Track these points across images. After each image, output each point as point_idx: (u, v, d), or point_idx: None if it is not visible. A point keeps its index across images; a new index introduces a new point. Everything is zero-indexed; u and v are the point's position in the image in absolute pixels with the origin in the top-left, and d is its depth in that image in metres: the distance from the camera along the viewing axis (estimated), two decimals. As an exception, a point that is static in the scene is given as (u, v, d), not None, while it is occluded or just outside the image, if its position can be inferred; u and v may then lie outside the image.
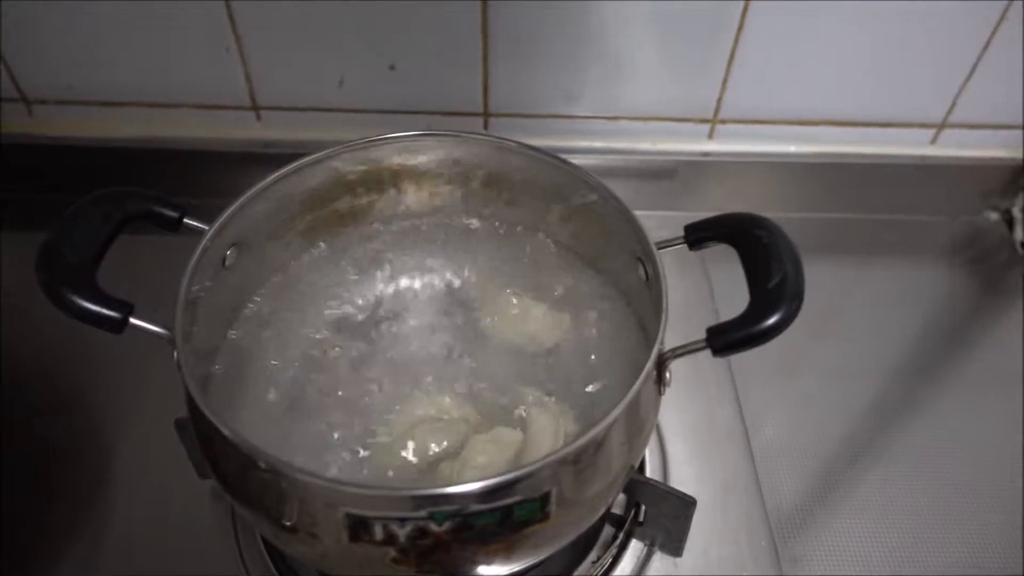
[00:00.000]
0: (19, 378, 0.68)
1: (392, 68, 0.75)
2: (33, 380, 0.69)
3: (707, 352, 0.43)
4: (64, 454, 0.63)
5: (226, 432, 0.38)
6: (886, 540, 0.61)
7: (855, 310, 0.79)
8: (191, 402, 0.41)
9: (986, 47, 0.74)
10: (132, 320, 0.42)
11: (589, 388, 0.53)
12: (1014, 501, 0.64)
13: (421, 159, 0.57)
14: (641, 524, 0.56)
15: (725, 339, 0.42)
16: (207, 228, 0.48)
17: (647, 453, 0.62)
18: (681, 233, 0.50)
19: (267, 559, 0.55)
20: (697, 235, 0.48)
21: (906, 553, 0.61)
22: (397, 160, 0.57)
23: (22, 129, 0.79)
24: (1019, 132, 0.82)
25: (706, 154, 0.81)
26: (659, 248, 0.48)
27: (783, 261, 0.43)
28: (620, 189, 0.52)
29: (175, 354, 0.42)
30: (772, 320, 0.41)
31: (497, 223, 0.61)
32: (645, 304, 0.51)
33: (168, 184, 0.74)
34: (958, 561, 0.60)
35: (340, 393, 0.53)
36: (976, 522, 0.62)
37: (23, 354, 0.69)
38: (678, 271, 0.77)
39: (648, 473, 0.60)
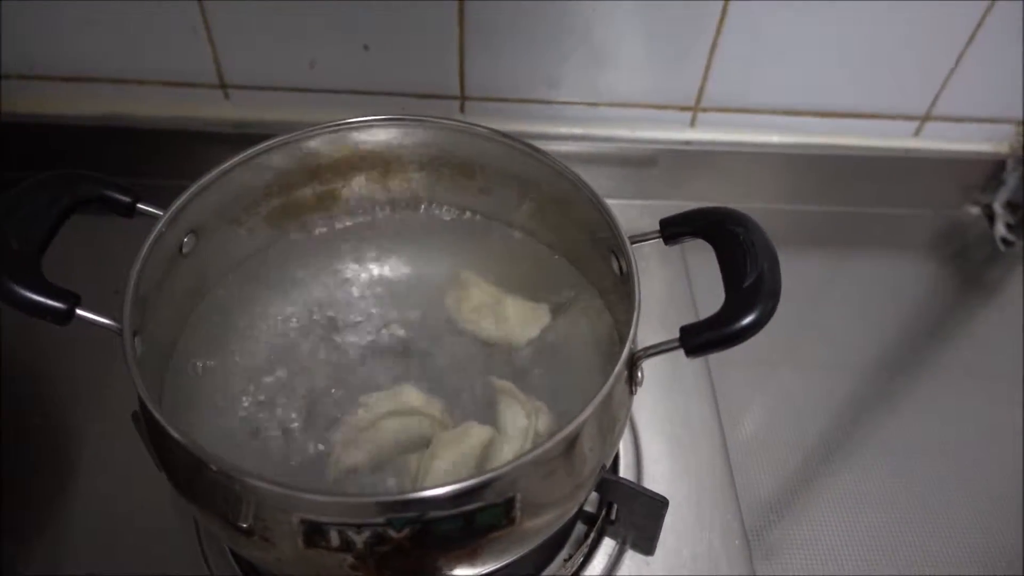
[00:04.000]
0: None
1: (366, 48, 0.73)
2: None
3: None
4: (23, 449, 0.62)
5: (176, 435, 0.36)
6: (862, 536, 0.61)
7: (834, 303, 0.79)
8: (141, 401, 0.39)
9: (971, 40, 0.73)
10: (79, 312, 0.40)
11: (562, 383, 0.52)
12: (990, 495, 0.64)
13: (390, 145, 0.55)
14: (613, 523, 0.55)
15: (698, 339, 0.40)
16: (161, 214, 0.46)
17: (621, 451, 0.61)
18: (657, 226, 0.48)
19: (230, 557, 0.54)
20: (672, 230, 0.47)
21: (882, 549, 0.60)
22: (365, 145, 0.55)
23: (-19, 106, 0.77)
24: (1002, 126, 0.81)
25: (688, 142, 0.80)
26: (633, 243, 0.46)
27: (759, 259, 0.41)
28: (600, 177, 0.51)
29: (123, 348, 0.40)
30: (746, 321, 0.40)
31: (469, 212, 0.59)
32: (619, 298, 0.50)
33: (134, 164, 0.73)
34: (933, 557, 0.60)
35: (304, 386, 0.51)
36: (952, 517, 0.62)
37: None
38: (658, 263, 0.76)
39: (622, 471, 0.59)
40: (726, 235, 0.44)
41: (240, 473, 0.35)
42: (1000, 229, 0.84)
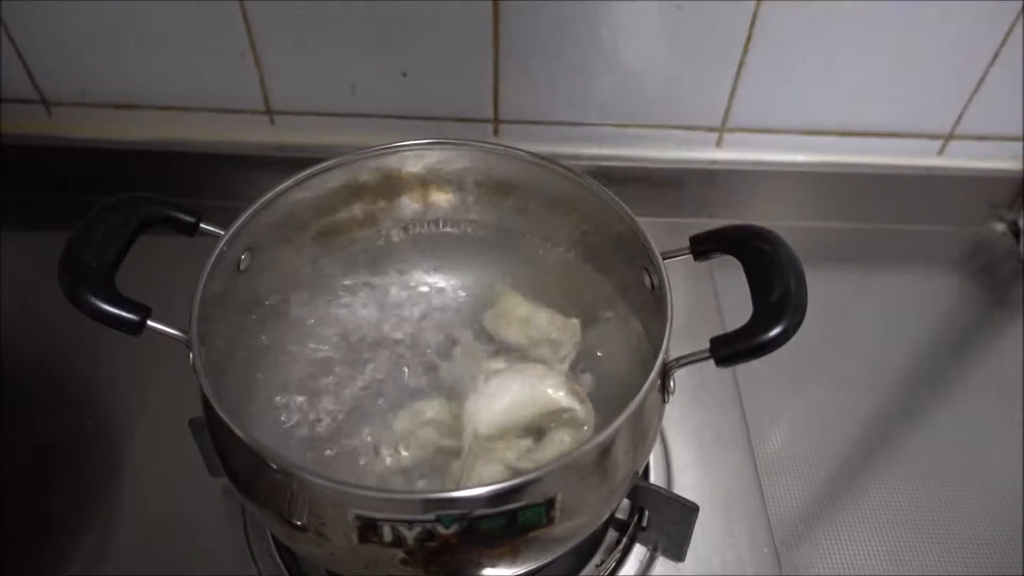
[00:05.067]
0: (27, 376, 0.69)
1: (404, 75, 0.75)
2: (42, 378, 0.69)
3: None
4: (74, 452, 0.64)
5: (241, 435, 0.39)
6: (890, 549, 0.61)
7: (861, 319, 0.79)
8: (207, 404, 0.42)
9: (995, 59, 0.74)
10: (149, 323, 0.43)
11: (595, 393, 0.53)
12: (1017, 512, 0.64)
13: (431, 167, 0.58)
14: (644, 529, 0.56)
15: (728, 350, 0.42)
16: (223, 233, 0.49)
17: (652, 460, 0.62)
18: (686, 243, 0.50)
19: (277, 558, 0.56)
20: (702, 246, 0.49)
21: (909, 563, 0.61)
22: (407, 167, 0.58)
23: (40, 130, 0.80)
24: (1027, 144, 0.82)
25: (714, 162, 0.82)
26: (665, 259, 0.48)
27: (785, 273, 0.43)
28: (628, 197, 0.52)
29: (191, 357, 0.43)
30: (774, 332, 0.41)
31: (505, 230, 0.62)
32: (651, 312, 0.52)
33: (182, 186, 0.76)
34: (961, 572, 0.60)
35: (347, 396, 0.54)
36: (979, 533, 0.62)
37: (32, 351, 0.70)
38: (685, 278, 0.77)
39: (652, 478, 0.61)
40: (754, 251, 0.46)
41: (300, 471, 0.37)
42: (1026, 245, 0.85)
